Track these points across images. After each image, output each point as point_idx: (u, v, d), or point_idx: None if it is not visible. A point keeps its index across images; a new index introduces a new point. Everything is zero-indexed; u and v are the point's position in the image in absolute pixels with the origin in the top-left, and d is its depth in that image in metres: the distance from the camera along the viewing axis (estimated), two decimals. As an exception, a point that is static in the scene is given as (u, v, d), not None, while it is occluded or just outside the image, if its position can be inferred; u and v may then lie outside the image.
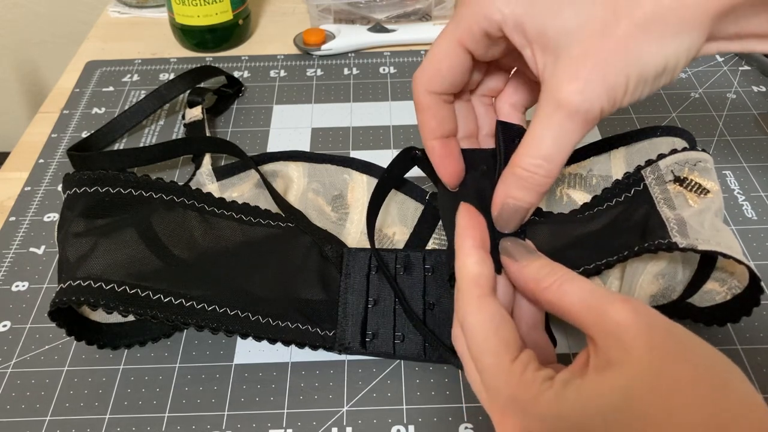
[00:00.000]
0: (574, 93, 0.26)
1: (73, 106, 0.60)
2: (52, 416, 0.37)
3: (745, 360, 0.38)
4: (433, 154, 0.32)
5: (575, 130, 0.27)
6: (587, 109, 0.26)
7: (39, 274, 0.45)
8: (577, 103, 0.26)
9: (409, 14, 0.70)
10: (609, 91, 0.26)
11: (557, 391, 0.24)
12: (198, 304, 0.36)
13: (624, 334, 0.23)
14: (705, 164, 0.38)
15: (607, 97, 0.26)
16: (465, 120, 0.34)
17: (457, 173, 0.32)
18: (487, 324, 0.26)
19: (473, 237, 0.28)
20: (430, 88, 0.31)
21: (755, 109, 0.57)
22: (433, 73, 0.30)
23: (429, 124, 0.32)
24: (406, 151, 0.37)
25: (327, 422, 0.37)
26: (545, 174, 0.28)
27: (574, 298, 0.25)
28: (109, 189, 0.38)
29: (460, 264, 0.28)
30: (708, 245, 0.33)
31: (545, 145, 0.27)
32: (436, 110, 0.31)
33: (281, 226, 0.42)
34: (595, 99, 0.26)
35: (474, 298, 0.27)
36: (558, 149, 0.27)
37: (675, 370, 0.22)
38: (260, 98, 0.60)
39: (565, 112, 0.26)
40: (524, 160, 0.28)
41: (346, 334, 0.39)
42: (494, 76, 0.34)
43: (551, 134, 0.27)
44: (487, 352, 0.26)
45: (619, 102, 0.27)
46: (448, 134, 0.32)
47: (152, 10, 0.74)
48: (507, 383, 0.25)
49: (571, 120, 0.27)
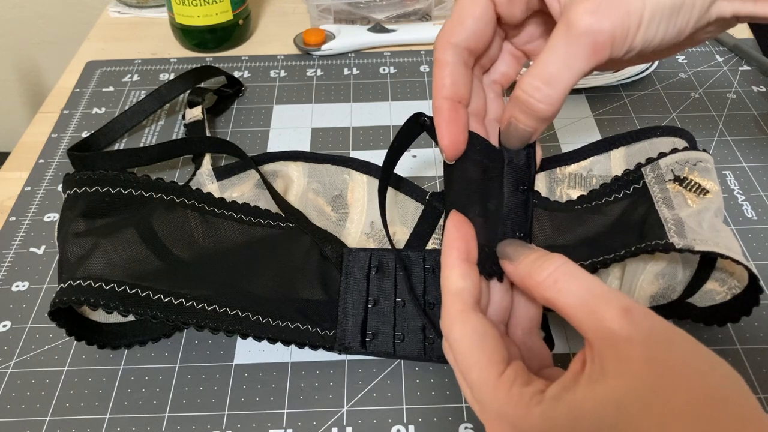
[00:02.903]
0: (585, 13, 0.25)
1: (73, 106, 0.60)
2: (52, 416, 0.37)
3: (745, 360, 0.38)
4: (440, 114, 0.30)
5: (581, 55, 0.26)
6: (597, 30, 0.25)
7: (39, 274, 0.45)
8: (587, 24, 0.25)
9: (409, 14, 0.70)
10: (623, 17, 0.25)
11: (546, 408, 0.23)
12: (198, 304, 0.36)
13: (620, 344, 0.22)
14: (705, 164, 0.38)
15: (621, 23, 0.25)
16: (476, 96, 0.33)
17: (459, 143, 0.30)
18: (470, 338, 0.26)
19: (458, 249, 0.28)
20: (452, 38, 0.30)
21: (755, 109, 0.57)
22: (457, 22, 0.30)
23: (443, 80, 0.30)
24: (414, 117, 0.34)
25: (327, 422, 0.37)
26: (542, 98, 0.27)
27: (572, 299, 0.24)
28: (109, 189, 0.38)
29: (444, 276, 0.28)
30: (706, 246, 0.33)
31: (547, 68, 0.27)
32: (453, 68, 0.30)
33: (281, 226, 0.42)
34: (607, 21, 0.25)
35: (457, 312, 0.26)
36: (560, 73, 0.26)
37: (671, 386, 0.21)
38: (260, 98, 0.60)
39: (573, 34, 0.26)
40: (525, 81, 0.27)
41: (346, 334, 0.39)
42: (508, 62, 0.34)
43: (555, 56, 0.26)
44: (473, 368, 0.25)
45: (632, 33, 0.26)
46: (459, 99, 0.31)
47: (152, 10, 0.74)
48: (495, 399, 0.24)
49: (577, 42, 0.26)
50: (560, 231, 0.38)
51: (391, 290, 0.40)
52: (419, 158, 0.53)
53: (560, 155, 0.45)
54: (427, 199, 0.45)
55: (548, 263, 0.26)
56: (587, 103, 0.57)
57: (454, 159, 0.31)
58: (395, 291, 0.40)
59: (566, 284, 0.25)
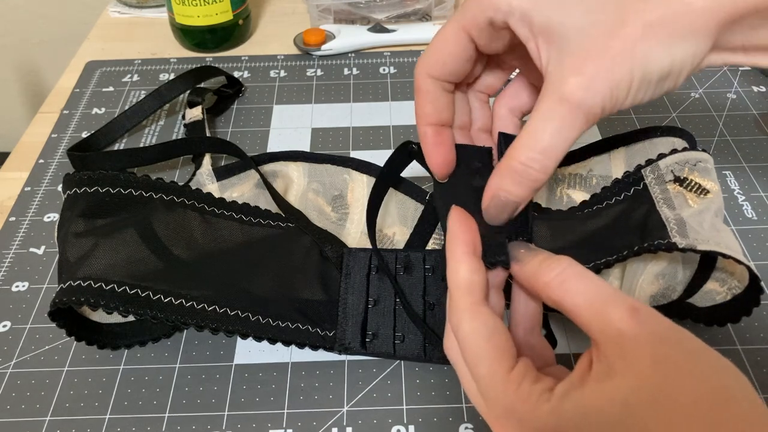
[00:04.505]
0: (578, 87, 0.26)
1: (73, 106, 0.60)
2: (52, 416, 0.37)
3: (745, 360, 0.38)
4: (426, 140, 0.31)
5: (575, 126, 0.27)
6: (590, 104, 0.26)
7: (39, 274, 0.45)
8: (581, 98, 0.26)
9: (409, 14, 0.70)
10: (613, 89, 0.26)
11: (554, 405, 0.23)
12: (198, 305, 0.36)
13: (627, 344, 0.22)
14: (705, 164, 0.38)
15: (611, 95, 0.26)
16: (460, 111, 0.33)
17: (447, 163, 0.32)
18: (481, 333, 0.26)
19: (464, 243, 0.28)
20: (432, 72, 0.31)
21: (755, 109, 0.57)
22: (436, 57, 0.30)
23: (425, 108, 0.31)
24: (403, 146, 0.36)
25: (327, 422, 0.37)
26: (540, 168, 0.28)
27: (579, 299, 0.24)
28: (109, 189, 0.38)
29: (452, 271, 0.28)
30: (707, 245, 0.33)
31: (544, 139, 0.27)
32: (435, 96, 0.31)
33: (281, 226, 0.42)
34: (599, 95, 0.26)
35: (467, 306, 0.26)
36: (556, 144, 0.27)
37: (678, 385, 0.21)
38: (260, 98, 0.60)
39: (567, 107, 0.26)
40: (520, 152, 0.28)
41: (346, 334, 0.39)
42: (493, 73, 0.34)
43: (551, 128, 0.27)
44: (483, 362, 0.25)
45: (621, 102, 0.27)
46: (443, 122, 0.32)
47: (152, 10, 0.74)
48: (504, 395, 0.24)
49: (572, 114, 0.26)
50: (561, 234, 0.38)
51: (391, 290, 0.40)
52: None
53: (560, 155, 0.44)
54: (427, 199, 0.45)
55: (555, 264, 0.26)
56: (587, 103, 0.57)
57: (445, 178, 0.32)
58: (395, 291, 0.40)
59: (573, 285, 0.25)
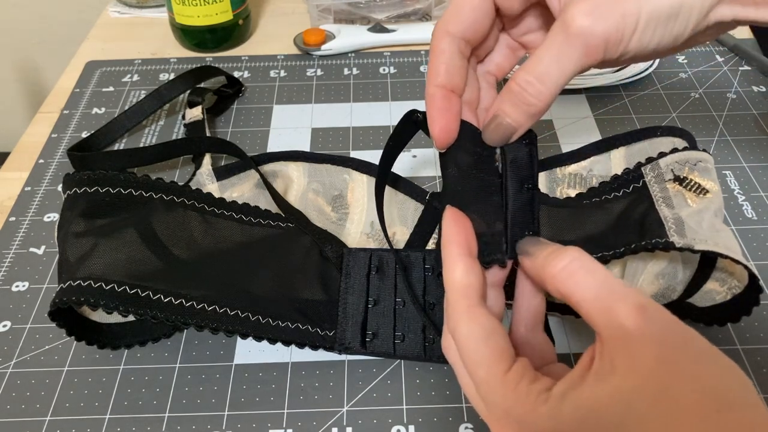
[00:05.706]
0: (581, 14, 0.26)
1: (73, 106, 0.60)
2: (52, 416, 0.37)
3: (745, 360, 0.38)
4: (432, 103, 0.30)
5: (573, 55, 0.26)
6: (589, 33, 0.26)
7: (39, 274, 0.45)
8: (581, 25, 0.26)
9: (409, 14, 0.70)
10: (618, 20, 0.26)
11: (553, 405, 0.23)
12: (198, 304, 0.36)
13: (632, 341, 0.22)
14: (705, 164, 0.38)
15: (615, 27, 0.26)
16: (470, 86, 0.33)
17: (450, 131, 0.30)
18: (478, 335, 0.25)
19: (459, 243, 0.28)
20: (450, 26, 0.30)
21: (755, 109, 0.57)
22: (455, 12, 0.30)
23: (438, 68, 0.30)
24: (408, 115, 0.34)
25: (327, 422, 0.37)
26: (534, 93, 0.27)
27: (586, 293, 0.24)
28: (109, 189, 0.38)
29: (448, 272, 0.27)
30: (705, 245, 0.33)
31: (541, 65, 0.27)
32: (449, 57, 0.30)
33: (281, 226, 0.42)
34: (601, 25, 0.26)
35: (464, 309, 0.26)
36: (551, 71, 0.27)
37: (681, 387, 0.21)
38: (260, 98, 0.60)
39: (567, 34, 0.26)
40: (519, 74, 0.28)
41: (346, 334, 0.39)
42: (504, 54, 0.34)
43: (549, 54, 0.27)
44: (481, 364, 0.25)
45: (627, 39, 0.26)
46: (453, 88, 0.30)
47: (152, 10, 0.74)
48: (502, 396, 0.24)
49: (570, 42, 0.26)
50: (560, 228, 0.38)
51: (391, 290, 0.40)
52: (419, 158, 0.53)
53: (560, 155, 0.45)
54: (427, 199, 0.45)
55: (563, 255, 0.25)
56: (587, 103, 0.57)
57: (444, 147, 0.31)
58: (395, 291, 0.40)
59: (581, 277, 0.24)
